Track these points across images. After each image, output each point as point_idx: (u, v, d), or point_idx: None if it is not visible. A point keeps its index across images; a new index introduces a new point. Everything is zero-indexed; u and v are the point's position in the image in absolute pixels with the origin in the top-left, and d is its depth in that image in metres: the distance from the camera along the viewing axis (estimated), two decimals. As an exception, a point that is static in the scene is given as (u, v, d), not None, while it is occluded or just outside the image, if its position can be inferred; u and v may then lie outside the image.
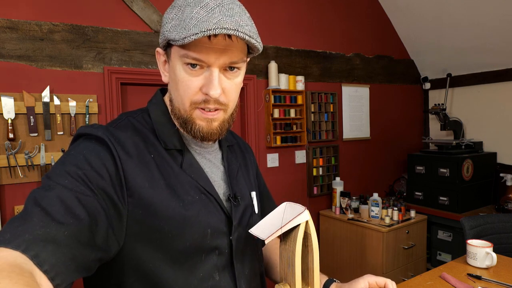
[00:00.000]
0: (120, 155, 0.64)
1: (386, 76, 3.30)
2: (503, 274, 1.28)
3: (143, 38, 2.06)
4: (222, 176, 0.80)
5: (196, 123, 0.69)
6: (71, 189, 0.56)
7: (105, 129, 0.67)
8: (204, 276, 0.70)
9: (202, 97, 0.66)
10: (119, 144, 0.65)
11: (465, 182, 2.71)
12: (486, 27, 2.72)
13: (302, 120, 2.66)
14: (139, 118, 0.74)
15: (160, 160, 0.69)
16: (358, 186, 3.10)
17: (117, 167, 0.63)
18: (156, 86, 2.20)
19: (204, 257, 0.71)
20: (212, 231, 0.71)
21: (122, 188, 0.63)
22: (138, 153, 0.67)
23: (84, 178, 0.58)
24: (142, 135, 0.70)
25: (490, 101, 3.08)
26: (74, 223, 0.53)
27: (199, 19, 0.59)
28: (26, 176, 1.77)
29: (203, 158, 0.77)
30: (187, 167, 0.72)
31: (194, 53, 0.63)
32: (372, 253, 2.42)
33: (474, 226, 1.78)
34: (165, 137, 0.72)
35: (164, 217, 0.65)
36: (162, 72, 0.73)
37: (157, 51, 0.72)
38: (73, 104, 1.85)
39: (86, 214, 0.55)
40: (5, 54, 1.72)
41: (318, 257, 0.71)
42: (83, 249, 0.54)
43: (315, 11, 2.79)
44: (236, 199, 0.77)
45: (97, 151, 0.63)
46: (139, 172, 0.65)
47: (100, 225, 0.58)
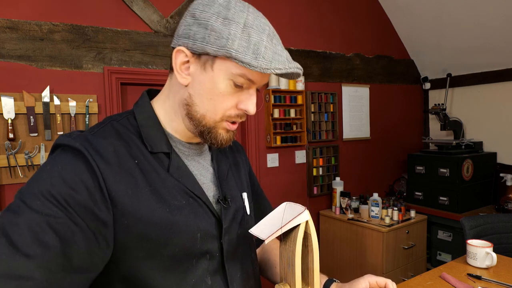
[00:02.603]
0: (99, 165, 0.61)
1: (386, 76, 3.30)
2: (503, 274, 1.28)
3: (143, 38, 2.06)
4: (212, 178, 0.78)
5: (219, 133, 0.70)
6: (42, 213, 0.54)
7: (83, 138, 0.63)
8: (196, 282, 0.69)
9: (236, 112, 0.69)
10: (97, 153, 0.62)
11: (465, 182, 2.71)
12: (486, 27, 2.72)
13: (302, 120, 2.66)
14: (124, 122, 0.71)
15: (145, 165, 0.67)
16: (358, 186, 3.10)
17: (97, 178, 0.60)
18: (156, 86, 2.20)
19: (195, 262, 0.69)
20: (201, 235, 0.70)
21: (104, 199, 0.60)
22: (119, 161, 0.64)
23: (57, 197, 0.56)
24: (125, 140, 0.68)
25: (490, 101, 3.08)
26: (42, 253, 0.51)
27: (272, 50, 0.63)
28: (26, 176, 1.77)
29: (192, 160, 0.76)
30: (174, 171, 0.70)
31: (252, 76, 0.65)
32: (372, 253, 2.42)
33: (474, 226, 1.78)
34: (151, 140, 0.70)
35: (150, 225, 0.64)
36: (178, 73, 0.68)
37: (180, 50, 0.67)
38: (73, 104, 1.85)
39: (57, 239, 0.53)
40: (5, 54, 1.72)
41: (318, 257, 0.71)
42: (55, 278, 0.52)
43: (315, 11, 2.79)
44: (226, 201, 0.76)
45: (72, 165, 0.59)
46: (121, 180, 0.63)
47: (78, 246, 0.56)
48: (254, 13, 0.65)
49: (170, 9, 2.15)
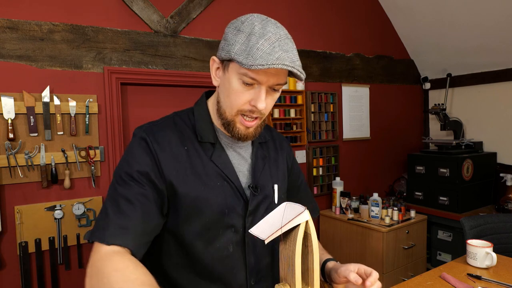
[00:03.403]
0: (156, 150, 0.83)
1: (386, 76, 3.30)
2: (503, 274, 1.28)
3: (143, 38, 2.06)
4: (248, 168, 0.93)
5: (237, 126, 0.84)
6: (126, 187, 0.79)
7: (149, 130, 0.86)
8: (220, 247, 0.86)
9: (249, 107, 0.81)
10: (156, 141, 0.84)
11: (465, 182, 2.71)
12: (486, 27, 2.72)
13: (302, 120, 2.66)
14: (184, 116, 0.91)
15: (192, 151, 0.86)
16: (358, 186, 3.10)
17: (155, 160, 0.82)
18: (156, 86, 2.20)
19: (222, 231, 0.86)
20: (229, 211, 0.86)
21: (160, 174, 0.82)
22: (171, 148, 0.84)
23: (133, 175, 0.80)
24: (180, 131, 0.88)
25: (490, 101, 3.08)
26: (132, 210, 0.77)
27: (264, 51, 0.73)
28: (26, 176, 1.77)
29: (234, 151, 0.92)
30: (216, 158, 0.87)
31: (253, 75, 0.77)
32: (372, 253, 2.42)
33: (474, 226, 1.78)
34: (201, 132, 0.88)
35: (189, 197, 0.83)
36: (213, 77, 0.86)
37: (213, 59, 0.85)
38: (73, 104, 1.85)
39: (138, 200, 0.78)
40: (5, 54, 1.72)
41: (318, 257, 0.71)
42: (144, 223, 0.78)
43: (315, 11, 2.79)
44: (256, 189, 0.90)
45: (140, 150, 0.83)
46: (171, 163, 0.83)
47: (151, 203, 0.80)
48: (264, 24, 0.78)
49: (170, 9, 2.15)
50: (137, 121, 2.15)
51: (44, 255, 1.84)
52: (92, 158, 1.90)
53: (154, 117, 2.21)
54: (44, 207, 1.81)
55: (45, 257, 1.84)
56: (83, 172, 1.91)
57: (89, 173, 1.92)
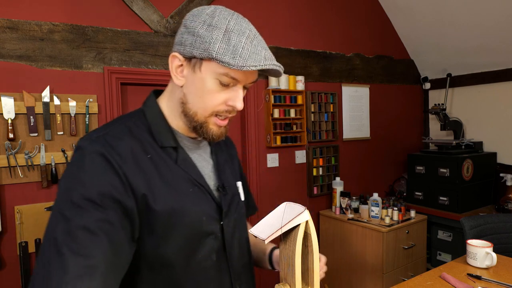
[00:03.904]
0: (119, 163, 0.70)
1: (386, 76, 3.30)
2: (503, 274, 1.28)
3: (143, 38, 2.06)
4: (212, 169, 0.89)
5: (210, 128, 0.79)
6: (84, 218, 0.64)
7: (103, 141, 0.72)
8: (203, 258, 0.80)
9: (225, 107, 0.77)
10: (115, 152, 0.71)
11: (465, 182, 2.71)
12: (486, 27, 2.72)
13: (302, 120, 2.66)
14: (136, 121, 0.80)
15: (157, 158, 0.77)
16: (358, 186, 3.10)
17: (119, 175, 0.70)
18: (156, 86, 2.20)
19: (203, 240, 0.80)
20: (206, 218, 0.80)
21: (127, 190, 0.70)
22: (133, 158, 0.73)
23: (93, 199, 0.66)
24: (138, 138, 0.77)
25: (490, 101, 3.08)
26: (95, 248, 0.63)
27: (249, 50, 0.70)
28: (26, 176, 1.77)
29: (195, 153, 0.86)
30: (182, 163, 0.80)
31: (234, 75, 0.73)
32: (372, 253, 2.42)
33: (474, 226, 1.78)
34: (160, 136, 0.79)
35: (163, 211, 0.74)
36: (175, 75, 0.78)
37: (175, 55, 0.77)
38: (73, 104, 1.85)
39: (102, 233, 0.64)
40: (5, 54, 1.72)
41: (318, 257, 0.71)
42: (111, 261, 0.65)
43: (315, 11, 2.79)
44: (224, 189, 0.86)
45: (98, 167, 0.69)
46: (137, 175, 0.72)
47: (118, 232, 0.67)
48: (237, 19, 0.73)
49: (170, 9, 2.15)
50: (137, 121, 2.15)
51: (44, 255, 1.84)
52: (92, 158, 1.90)
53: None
54: (44, 207, 1.81)
55: (45, 257, 1.84)
56: (83, 172, 1.91)
57: (89, 173, 1.92)
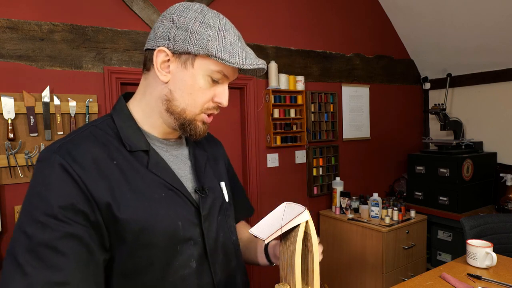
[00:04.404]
0: (79, 173, 0.66)
1: (386, 76, 3.30)
2: (503, 274, 1.28)
3: (143, 38, 2.06)
4: (190, 170, 0.84)
5: (197, 125, 0.78)
6: (47, 233, 0.62)
7: (63, 150, 0.68)
8: (181, 265, 0.75)
9: (213, 105, 0.78)
10: (76, 163, 0.67)
11: (465, 182, 2.71)
12: (486, 27, 2.72)
13: (302, 120, 2.66)
14: (103, 126, 0.76)
15: (124, 164, 0.72)
16: (358, 186, 3.10)
17: (79, 186, 0.65)
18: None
19: (180, 247, 0.75)
20: (183, 223, 0.75)
21: (89, 202, 0.66)
22: (96, 166, 0.69)
23: (54, 214, 0.63)
24: (103, 143, 0.73)
25: (490, 101, 3.08)
26: (63, 261, 0.61)
27: (243, 49, 0.73)
28: (26, 176, 1.77)
29: (170, 155, 0.82)
30: (153, 166, 0.76)
31: (228, 72, 0.75)
32: (372, 253, 2.42)
33: (474, 226, 1.78)
34: (129, 140, 0.75)
35: (132, 221, 0.69)
36: (159, 71, 0.74)
37: (162, 50, 0.73)
38: (73, 104, 1.85)
39: (68, 246, 0.62)
40: (5, 54, 1.72)
41: (318, 257, 0.71)
42: (80, 274, 0.63)
43: (315, 11, 2.79)
44: (203, 191, 0.82)
45: (57, 179, 0.65)
46: (100, 184, 0.68)
47: (86, 244, 0.65)
48: (224, 19, 0.75)
49: (170, 9, 2.15)
50: (137, 121, 2.15)
51: (44, 255, 1.84)
52: (92, 158, 1.90)
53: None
54: (44, 207, 1.81)
55: (45, 257, 1.84)
56: (83, 172, 1.91)
57: (89, 173, 1.92)
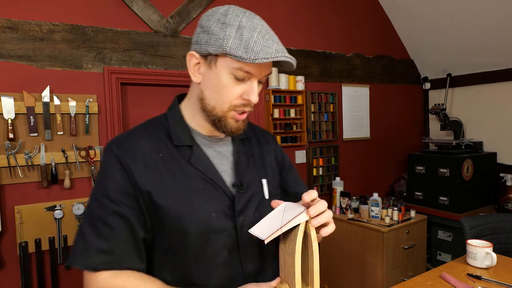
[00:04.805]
0: (128, 162, 0.79)
1: (386, 76, 3.30)
2: (503, 274, 1.28)
3: (143, 38, 2.06)
4: (231, 166, 0.89)
5: (228, 122, 0.81)
6: (103, 209, 0.77)
7: (119, 142, 0.82)
8: (213, 254, 0.82)
9: (242, 101, 0.80)
10: (126, 153, 0.80)
11: (465, 182, 2.71)
12: (486, 27, 2.72)
13: (302, 120, 2.66)
14: (157, 123, 0.88)
15: (168, 157, 0.82)
16: (358, 186, 3.10)
17: (127, 172, 0.78)
18: (156, 86, 2.20)
19: (214, 237, 0.81)
20: (216, 214, 0.81)
21: (135, 187, 0.78)
22: (143, 157, 0.80)
23: (109, 195, 0.77)
24: (153, 138, 0.84)
25: (490, 101, 3.08)
26: (111, 232, 0.76)
27: (262, 44, 0.73)
28: (26, 176, 1.77)
29: (214, 151, 0.88)
30: (195, 161, 0.83)
31: (248, 68, 0.76)
32: (372, 253, 2.42)
33: (474, 226, 1.78)
34: (176, 136, 0.84)
35: (169, 207, 0.78)
36: (193, 73, 0.82)
37: (192, 54, 0.81)
38: (73, 104, 1.85)
39: (119, 221, 0.77)
40: (5, 54, 1.72)
41: (318, 258, 0.71)
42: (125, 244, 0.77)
43: (315, 11, 2.79)
44: (241, 186, 0.86)
45: (112, 166, 0.80)
46: (144, 174, 0.79)
47: (132, 221, 0.78)
48: (249, 16, 0.77)
49: (170, 9, 2.15)
50: (137, 121, 2.15)
51: (44, 255, 1.84)
52: (92, 158, 1.90)
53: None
54: (44, 207, 1.81)
55: (45, 257, 1.84)
56: (83, 172, 1.91)
57: (89, 173, 1.92)
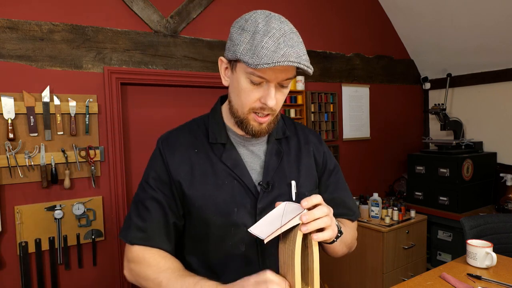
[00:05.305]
0: (166, 154, 0.90)
1: (386, 76, 3.30)
2: (503, 274, 1.28)
3: (143, 38, 2.06)
4: (262, 165, 0.93)
5: (250, 124, 0.85)
6: (145, 193, 0.90)
7: (166, 135, 0.95)
8: (232, 246, 0.88)
9: (260, 105, 0.82)
10: (167, 146, 0.91)
11: (465, 182, 2.71)
12: (486, 27, 2.72)
13: (302, 120, 2.66)
14: (199, 121, 0.97)
15: (202, 153, 0.90)
16: (358, 186, 3.10)
17: (164, 162, 0.90)
18: (156, 86, 2.20)
19: (233, 230, 0.87)
20: (238, 210, 0.87)
21: (169, 177, 0.89)
22: (180, 151, 0.90)
23: (150, 182, 0.90)
24: (193, 134, 0.93)
25: (490, 101, 3.08)
26: (149, 214, 0.88)
27: (268, 49, 0.73)
28: (26, 176, 1.77)
29: (246, 149, 0.93)
30: (226, 158, 0.90)
31: (260, 73, 0.77)
32: (372, 253, 2.42)
33: (474, 226, 1.78)
34: (212, 134, 0.92)
35: (197, 196, 0.87)
36: (223, 77, 0.88)
37: (221, 59, 0.87)
38: (73, 104, 1.85)
39: (156, 205, 0.88)
40: (5, 54, 1.72)
41: (318, 257, 0.71)
42: (160, 226, 0.88)
43: (315, 11, 2.79)
44: (267, 186, 0.89)
45: (156, 157, 0.92)
46: (178, 165, 0.89)
47: (169, 204, 0.89)
48: (268, 20, 0.77)
49: (170, 9, 2.15)
50: (137, 121, 2.15)
51: (44, 255, 1.84)
52: (92, 158, 1.90)
53: (154, 117, 2.20)
54: (44, 207, 1.81)
55: (45, 257, 1.84)
56: (83, 172, 1.91)
57: (89, 173, 1.92)
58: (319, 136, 1.07)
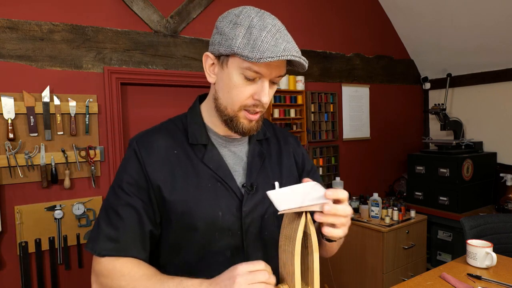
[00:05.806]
0: (143, 156, 0.83)
1: (386, 76, 3.30)
2: (503, 274, 1.28)
3: (143, 38, 2.06)
4: (244, 166, 0.89)
5: (240, 121, 0.82)
6: (118, 198, 0.81)
7: (140, 136, 0.87)
8: (216, 252, 0.83)
9: (252, 102, 0.79)
10: (143, 147, 0.84)
11: (465, 182, 2.71)
12: (486, 27, 2.72)
13: (302, 120, 2.66)
14: (177, 121, 0.91)
15: (183, 154, 0.84)
16: (358, 186, 3.10)
17: (141, 166, 0.82)
18: (156, 86, 2.20)
19: (218, 235, 0.82)
20: (223, 214, 0.82)
21: (147, 180, 0.81)
22: (158, 153, 0.83)
23: (123, 186, 0.82)
24: (171, 135, 0.87)
25: (490, 101, 3.08)
26: (121, 221, 0.80)
27: (268, 43, 0.72)
28: (26, 176, 1.77)
29: (228, 150, 0.89)
30: (208, 159, 0.85)
31: (257, 68, 0.75)
32: (372, 253, 2.42)
33: (474, 226, 1.78)
34: (192, 134, 0.86)
35: (177, 202, 0.81)
36: (208, 74, 0.84)
37: (207, 55, 0.83)
38: (73, 104, 1.85)
39: (130, 210, 0.80)
40: (5, 54, 1.72)
41: (318, 257, 0.71)
42: (134, 231, 0.80)
43: (315, 11, 2.79)
44: (251, 188, 0.86)
45: (131, 158, 0.84)
46: (158, 168, 0.82)
47: (143, 209, 0.81)
48: (261, 16, 0.76)
49: (170, 9, 2.15)
50: (137, 121, 2.15)
51: (44, 255, 1.84)
52: (92, 158, 1.90)
53: (154, 117, 2.20)
54: (44, 207, 1.81)
55: (45, 257, 1.84)
56: (83, 172, 1.91)
57: (89, 173, 1.92)
58: (297, 138, 1.07)
